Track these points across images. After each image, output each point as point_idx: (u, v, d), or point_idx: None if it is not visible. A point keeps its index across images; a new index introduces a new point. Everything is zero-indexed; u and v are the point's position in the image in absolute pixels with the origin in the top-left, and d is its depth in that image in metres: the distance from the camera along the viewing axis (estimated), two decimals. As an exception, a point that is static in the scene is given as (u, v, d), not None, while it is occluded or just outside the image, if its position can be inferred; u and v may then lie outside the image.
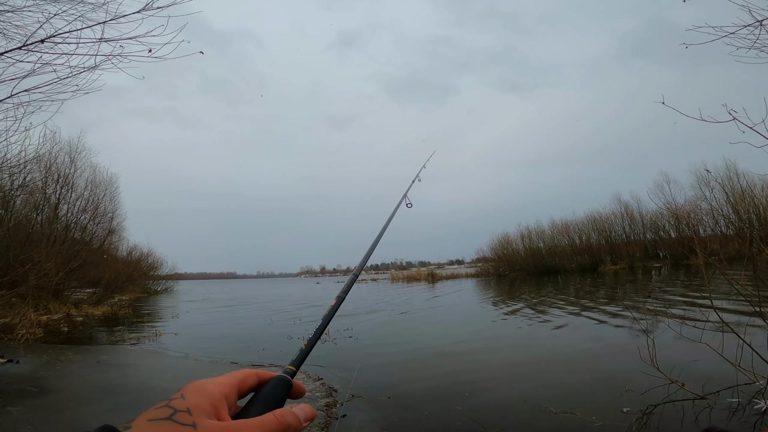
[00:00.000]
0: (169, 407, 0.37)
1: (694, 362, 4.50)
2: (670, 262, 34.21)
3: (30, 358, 6.85)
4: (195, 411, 0.37)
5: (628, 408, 3.63)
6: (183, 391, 0.40)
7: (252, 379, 0.47)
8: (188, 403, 0.38)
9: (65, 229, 17.60)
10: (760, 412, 3.26)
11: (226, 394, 0.42)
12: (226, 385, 0.43)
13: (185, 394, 0.39)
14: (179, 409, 0.37)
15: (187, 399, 0.38)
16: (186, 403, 0.38)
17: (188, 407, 0.37)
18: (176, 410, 0.37)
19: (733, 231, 30.67)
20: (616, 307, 10.50)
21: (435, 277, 39.34)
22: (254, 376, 0.47)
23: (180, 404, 0.38)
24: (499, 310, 11.94)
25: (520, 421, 3.61)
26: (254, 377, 0.47)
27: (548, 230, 41.35)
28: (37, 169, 14.83)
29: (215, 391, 0.41)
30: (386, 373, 5.52)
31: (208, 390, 0.41)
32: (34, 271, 11.37)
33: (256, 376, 0.47)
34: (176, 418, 0.36)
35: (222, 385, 0.43)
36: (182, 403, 0.38)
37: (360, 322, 10.34)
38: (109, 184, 21.34)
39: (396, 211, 1.23)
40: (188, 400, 0.38)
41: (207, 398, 0.39)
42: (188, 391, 0.40)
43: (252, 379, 0.47)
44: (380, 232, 1.02)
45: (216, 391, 0.41)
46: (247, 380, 0.46)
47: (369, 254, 0.87)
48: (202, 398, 0.39)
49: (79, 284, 18.91)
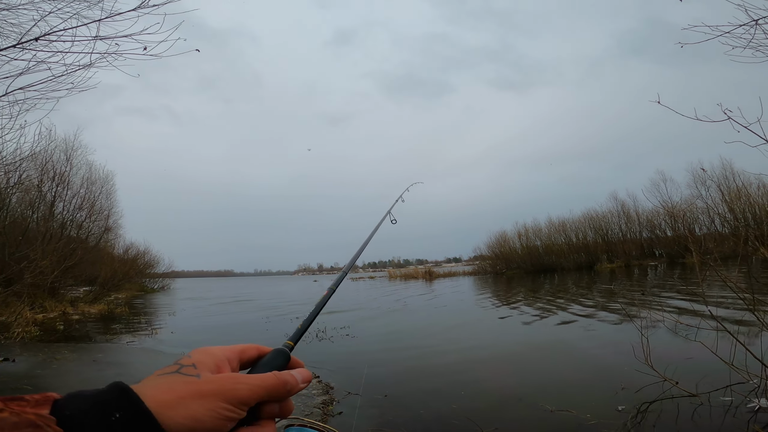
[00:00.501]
0: (176, 364, 0.42)
1: (688, 361, 4.53)
2: (666, 261, 34.41)
3: (26, 356, 6.83)
4: (200, 365, 0.42)
5: (623, 406, 3.65)
6: (190, 353, 0.44)
7: (252, 351, 0.50)
8: (193, 360, 0.43)
9: (61, 227, 17.54)
10: (754, 411, 3.29)
11: (230, 358, 0.46)
12: (229, 350, 0.47)
13: (191, 354, 0.44)
14: (186, 364, 0.42)
15: (192, 357, 0.43)
16: (192, 360, 0.42)
17: (193, 363, 0.42)
18: (183, 365, 0.41)
19: (728, 230, 30.88)
20: (612, 306, 10.56)
21: (432, 275, 39.42)
22: (254, 349, 0.51)
23: (186, 361, 0.42)
24: (496, 309, 11.98)
25: (516, 420, 3.63)
26: (254, 350, 0.50)
27: (545, 228, 41.50)
28: (33, 166, 14.80)
29: (219, 353, 0.46)
30: (383, 371, 5.53)
31: (212, 351, 0.45)
32: (30, 269, 11.33)
33: (256, 349, 0.51)
34: (183, 371, 0.41)
35: (225, 350, 0.47)
36: (188, 360, 0.42)
37: (357, 321, 10.35)
38: (105, 181, 21.31)
39: (378, 226, 1.27)
40: (194, 358, 0.43)
41: (211, 357, 0.44)
42: (194, 352, 0.44)
43: (252, 351, 0.50)
44: (361, 247, 1.09)
45: (220, 353, 0.46)
46: (247, 351, 0.49)
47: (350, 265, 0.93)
48: (206, 356, 0.44)
49: (75, 282, 18.85)
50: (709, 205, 33.97)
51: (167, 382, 0.39)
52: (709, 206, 33.99)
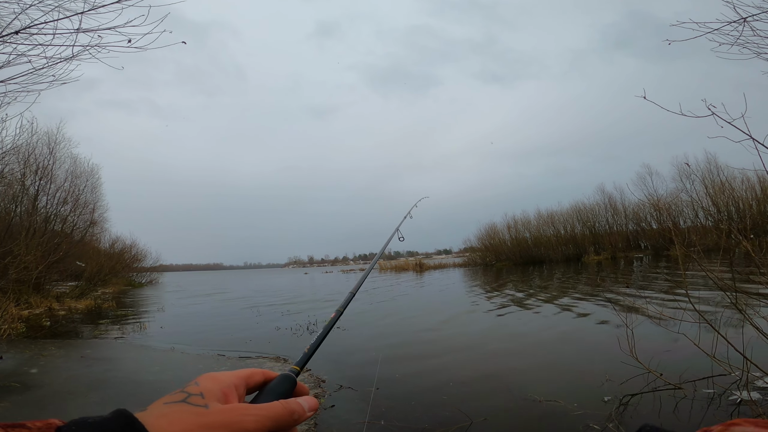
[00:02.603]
0: (183, 392, 0.40)
1: (672, 353, 4.66)
2: (651, 253, 35.10)
3: (13, 353, 6.73)
4: (207, 395, 0.41)
5: (609, 397, 3.74)
6: (197, 380, 0.43)
7: (258, 377, 0.50)
8: (201, 388, 0.41)
9: (45, 221, 17.19)
10: (736, 403, 3.40)
11: (236, 384, 0.46)
12: (236, 377, 0.47)
13: (199, 381, 0.43)
14: (193, 393, 0.41)
15: (200, 385, 0.42)
16: (199, 389, 0.41)
17: (201, 392, 0.41)
18: (190, 394, 0.40)
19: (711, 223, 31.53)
20: (598, 298, 10.76)
21: (423, 267, 39.65)
22: (260, 374, 0.50)
23: (194, 389, 0.41)
24: (485, 301, 12.12)
25: (505, 410, 3.70)
26: (260, 375, 0.50)
27: (534, 221, 42.02)
28: (15, 160, 14.40)
29: (226, 380, 0.45)
30: (374, 364, 5.57)
31: (219, 379, 0.44)
32: (14, 264, 11.11)
33: (262, 374, 0.50)
34: (190, 400, 0.39)
35: (232, 376, 0.46)
36: (196, 389, 0.41)
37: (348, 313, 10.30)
38: (90, 175, 20.89)
39: (388, 243, 1.28)
40: (201, 386, 0.42)
41: (218, 385, 0.43)
42: (201, 379, 0.43)
43: (258, 376, 0.50)
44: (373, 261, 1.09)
45: (227, 381, 0.45)
46: (254, 376, 0.49)
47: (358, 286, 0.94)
48: (214, 385, 0.43)
49: (61, 277, 18.53)
50: (694, 199, 34.71)
51: (174, 411, 0.38)
52: (693, 200, 34.72)
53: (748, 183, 31.12)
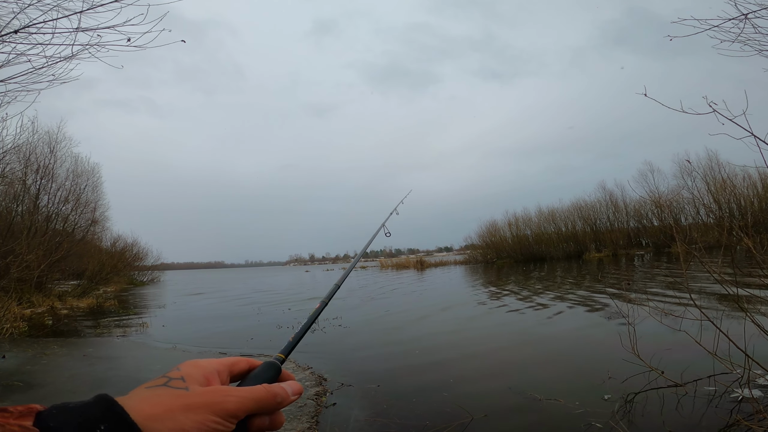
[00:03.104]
0: (164, 377, 0.41)
1: (674, 351, 4.65)
2: (652, 250, 35.03)
3: (15, 352, 6.75)
4: (188, 378, 0.42)
5: (610, 395, 3.74)
6: (179, 366, 0.44)
7: (243, 364, 0.50)
8: (182, 372, 0.42)
9: (46, 220, 17.20)
10: (737, 401, 3.39)
11: (219, 370, 0.46)
12: (218, 363, 0.47)
13: (180, 367, 0.43)
14: (174, 377, 0.41)
15: (181, 370, 0.43)
16: (180, 373, 0.42)
17: (182, 376, 0.42)
18: (171, 378, 0.41)
19: (713, 220, 31.45)
20: (599, 295, 10.75)
21: (424, 264, 39.65)
22: (245, 362, 0.50)
23: (175, 374, 0.42)
24: (485, 298, 12.12)
25: (506, 408, 3.70)
26: (245, 363, 0.50)
27: (535, 218, 41.89)
28: (16, 159, 14.43)
29: (208, 366, 0.45)
30: (375, 362, 5.59)
31: (201, 364, 0.45)
32: (16, 263, 11.14)
33: (246, 362, 0.51)
34: (171, 384, 0.40)
35: (215, 362, 0.47)
36: (177, 373, 0.42)
37: (349, 311, 10.39)
38: (91, 173, 20.88)
39: (373, 239, 1.28)
40: (183, 371, 0.42)
41: (200, 370, 0.44)
42: (183, 365, 0.44)
43: (243, 364, 0.50)
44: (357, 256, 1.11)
45: (209, 366, 0.45)
46: (238, 364, 0.49)
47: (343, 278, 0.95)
48: (195, 369, 0.43)
49: (63, 276, 18.59)
50: (695, 196, 34.54)
51: (155, 394, 0.39)
52: (694, 197, 34.56)
53: (750, 180, 31.02)
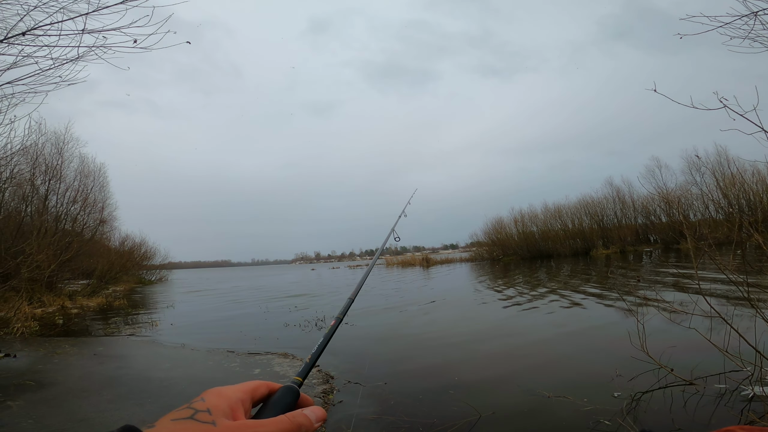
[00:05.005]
0: (190, 408, 0.41)
1: (683, 348, 4.60)
2: (660, 247, 34.74)
3: (27, 351, 6.84)
4: (215, 411, 0.41)
5: (619, 392, 3.71)
6: (203, 395, 0.44)
7: (263, 389, 0.51)
8: (208, 404, 0.42)
9: (56, 221, 17.43)
10: (748, 398, 3.35)
11: (242, 399, 0.46)
12: (241, 391, 0.47)
13: (205, 397, 0.43)
14: (200, 409, 0.41)
15: (207, 401, 0.43)
16: (206, 405, 0.42)
17: (208, 408, 0.41)
18: (197, 410, 0.41)
19: (722, 216, 31.07)
20: (608, 292, 10.67)
21: (429, 262, 39.67)
22: (264, 386, 0.51)
23: (200, 405, 0.42)
24: (492, 296, 12.08)
25: (514, 405, 3.69)
26: (265, 387, 0.51)
27: (541, 214, 41.71)
28: (24, 160, 14.62)
29: (232, 395, 0.45)
30: (382, 359, 5.60)
31: (225, 394, 0.45)
32: (27, 263, 11.29)
33: (266, 386, 0.51)
34: (197, 417, 0.40)
35: (238, 390, 0.47)
36: (203, 405, 0.42)
37: (355, 308, 10.40)
38: (98, 174, 21.12)
39: (384, 244, 1.29)
40: (208, 402, 0.42)
41: (225, 401, 0.44)
42: (208, 395, 0.44)
43: (263, 389, 0.51)
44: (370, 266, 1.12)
45: (233, 396, 0.45)
46: (258, 389, 0.50)
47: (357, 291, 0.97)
48: (220, 400, 0.43)
49: (73, 276, 18.82)
50: (704, 192, 34.21)
51: (182, 428, 0.39)
52: (703, 192, 34.23)
53: (759, 175, 30.62)
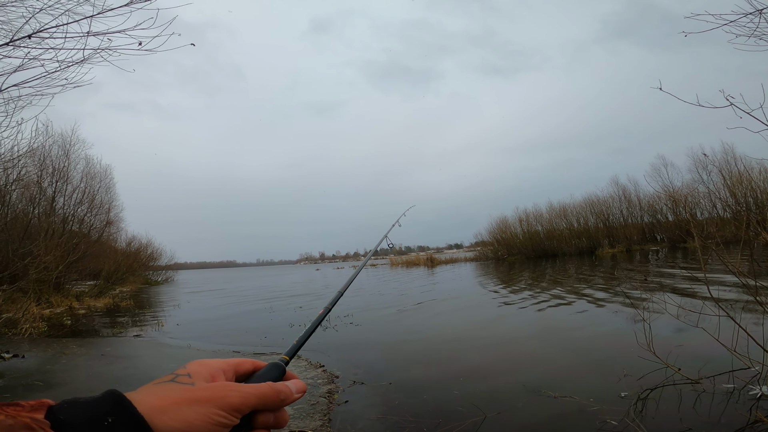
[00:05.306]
0: (172, 374, 0.45)
1: (690, 347, 4.56)
2: (667, 245, 34.46)
3: (35, 352, 6.91)
4: (195, 375, 0.45)
5: (626, 392, 3.68)
6: (186, 365, 0.47)
7: (248, 365, 0.52)
8: (189, 370, 0.45)
9: (63, 222, 17.59)
10: (756, 398, 3.32)
11: (224, 369, 0.48)
12: (224, 362, 0.49)
13: (187, 365, 0.47)
14: (181, 374, 0.44)
15: (188, 368, 0.46)
16: (187, 370, 0.45)
17: (188, 372, 0.45)
18: (179, 374, 0.44)
19: (730, 214, 30.79)
20: (614, 292, 10.60)
21: (434, 261, 39.64)
22: (250, 363, 0.53)
23: (182, 371, 0.45)
24: (497, 295, 12.04)
25: (520, 406, 3.67)
26: (250, 364, 0.52)
27: (546, 214, 41.50)
28: (32, 162, 14.76)
29: (214, 365, 0.48)
30: (387, 359, 5.60)
31: (207, 363, 0.48)
32: (34, 264, 11.40)
33: (251, 363, 0.53)
34: (178, 380, 0.43)
35: (220, 362, 0.49)
36: (184, 371, 0.45)
37: (360, 309, 10.42)
38: (104, 175, 21.30)
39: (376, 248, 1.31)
40: (189, 368, 0.46)
41: (206, 368, 0.47)
42: (190, 363, 0.47)
43: (248, 365, 0.52)
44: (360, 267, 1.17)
45: (215, 365, 0.48)
46: (243, 365, 0.52)
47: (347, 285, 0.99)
48: (201, 367, 0.46)
49: (80, 277, 18.99)
50: (711, 190, 33.92)
51: (162, 389, 0.42)
52: (710, 191, 33.93)
53: (766, 173, 30.32)
